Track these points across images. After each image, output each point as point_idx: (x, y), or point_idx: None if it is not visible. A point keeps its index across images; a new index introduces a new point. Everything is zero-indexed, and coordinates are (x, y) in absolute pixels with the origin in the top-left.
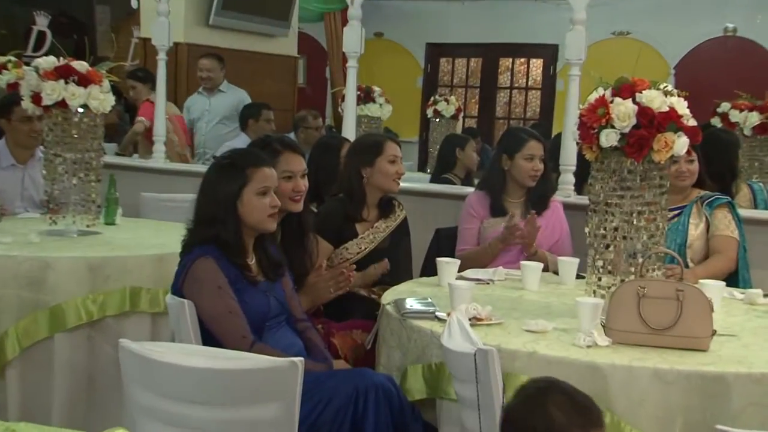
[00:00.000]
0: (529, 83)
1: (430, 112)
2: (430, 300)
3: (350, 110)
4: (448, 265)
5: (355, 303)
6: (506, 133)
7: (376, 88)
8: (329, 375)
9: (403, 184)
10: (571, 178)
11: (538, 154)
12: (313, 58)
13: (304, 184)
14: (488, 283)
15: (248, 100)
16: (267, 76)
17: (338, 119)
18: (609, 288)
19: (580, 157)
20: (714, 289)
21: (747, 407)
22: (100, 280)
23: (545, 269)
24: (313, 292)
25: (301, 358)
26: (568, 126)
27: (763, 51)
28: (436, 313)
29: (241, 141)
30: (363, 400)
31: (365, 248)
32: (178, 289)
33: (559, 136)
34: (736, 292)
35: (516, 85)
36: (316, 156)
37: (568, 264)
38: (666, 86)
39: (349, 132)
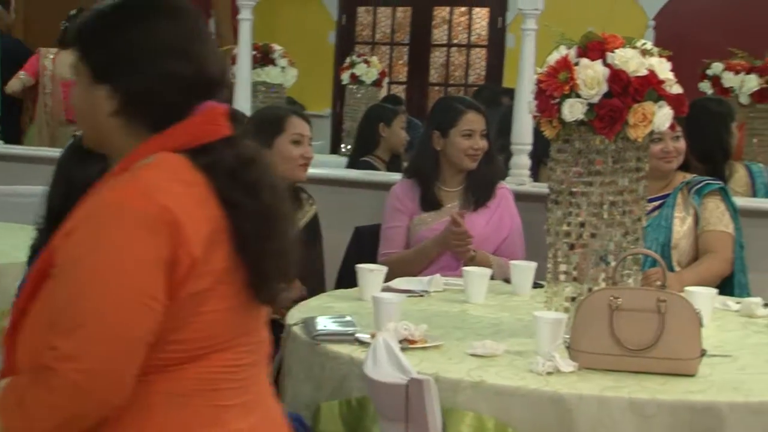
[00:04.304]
0: (472, 39)
1: (345, 77)
2: (349, 318)
3: (243, 76)
4: (371, 274)
5: None
6: (437, 104)
7: (277, 47)
8: None
9: (312, 171)
10: (526, 161)
11: (478, 129)
12: None
13: None
14: (422, 296)
15: None
16: None
17: (227, 88)
18: (574, 299)
19: (538, 134)
20: (704, 298)
21: None
22: None
23: (493, 276)
24: None
25: None
26: (521, 94)
27: None
28: (357, 335)
29: None
30: None
31: None
32: None
33: (510, 106)
34: (731, 302)
35: (455, 41)
36: None
37: (523, 269)
38: (644, 44)
39: (242, 104)
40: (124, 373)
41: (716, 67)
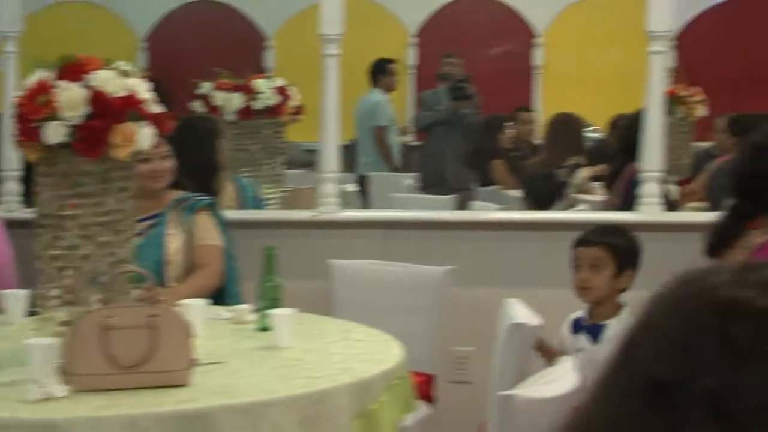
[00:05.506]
0: None
1: None
2: None
3: None
4: None
5: None
6: None
7: None
8: None
9: None
10: (15, 187)
11: None
12: None
13: None
14: None
15: None
16: None
17: None
18: (69, 323)
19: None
20: (195, 309)
21: None
22: None
23: None
24: None
25: None
26: (3, 120)
27: (239, 17)
28: None
29: None
30: None
31: None
32: None
33: None
34: (223, 311)
35: None
36: None
37: (14, 298)
38: (124, 65)
39: None
40: None
41: (207, 87)
